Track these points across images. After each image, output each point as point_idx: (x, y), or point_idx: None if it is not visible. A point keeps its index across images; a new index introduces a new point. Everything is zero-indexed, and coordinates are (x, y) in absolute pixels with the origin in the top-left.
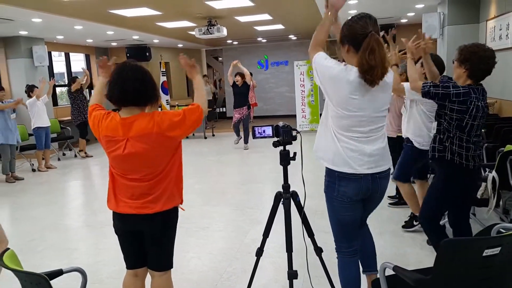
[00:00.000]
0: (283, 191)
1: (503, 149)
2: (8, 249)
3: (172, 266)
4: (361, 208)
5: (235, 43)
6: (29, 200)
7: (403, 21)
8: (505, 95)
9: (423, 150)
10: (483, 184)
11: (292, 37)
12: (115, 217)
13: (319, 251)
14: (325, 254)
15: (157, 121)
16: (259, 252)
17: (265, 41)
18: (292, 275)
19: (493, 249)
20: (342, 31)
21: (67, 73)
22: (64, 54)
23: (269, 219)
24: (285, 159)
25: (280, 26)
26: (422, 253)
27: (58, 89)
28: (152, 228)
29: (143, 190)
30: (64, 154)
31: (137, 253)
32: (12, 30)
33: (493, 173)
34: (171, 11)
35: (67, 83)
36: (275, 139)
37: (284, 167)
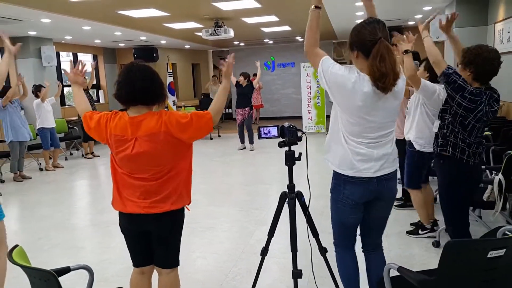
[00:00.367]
0: (288, 191)
1: (510, 152)
2: (17, 246)
3: (178, 263)
4: (363, 210)
5: (242, 44)
6: (37, 199)
7: (411, 23)
8: None
9: (425, 153)
10: (489, 186)
11: (298, 39)
12: (121, 217)
13: (323, 251)
14: (329, 254)
15: (164, 120)
16: (264, 251)
17: (271, 42)
18: (296, 274)
19: (498, 251)
20: (350, 36)
21: None
22: (72, 54)
23: (274, 219)
24: (290, 160)
25: (287, 27)
26: (427, 255)
27: (65, 89)
28: (160, 227)
29: (151, 189)
30: (71, 153)
31: (143, 252)
32: (21, 30)
33: (500, 176)
34: (178, 12)
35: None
36: (281, 139)
37: (289, 168)
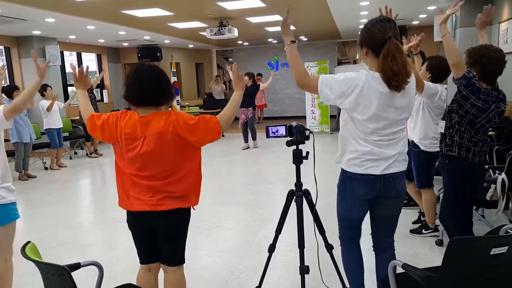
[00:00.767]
0: (295, 189)
1: None
2: (29, 242)
3: (184, 261)
4: (368, 207)
5: (246, 43)
6: (42, 197)
7: (415, 23)
8: None
9: (431, 152)
10: (492, 186)
11: (303, 38)
12: (129, 215)
13: (330, 248)
14: (336, 251)
15: (172, 120)
16: (272, 248)
17: (275, 42)
18: (304, 270)
19: (501, 248)
20: (361, 34)
21: None
22: (76, 53)
23: (282, 216)
24: (298, 158)
25: (291, 27)
26: (431, 254)
27: (69, 89)
28: (166, 225)
29: (158, 188)
30: (75, 153)
31: (150, 249)
32: (25, 29)
33: (503, 175)
34: (182, 11)
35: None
36: (288, 138)
37: (296, 166)
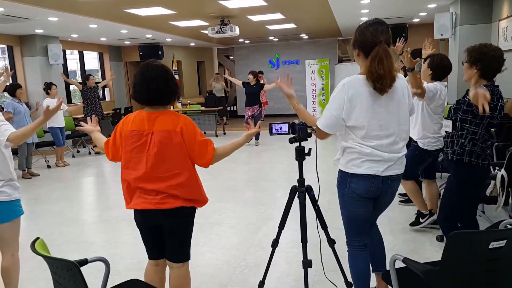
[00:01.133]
0: (298, 185)
1: None
2: (38, 238)
3: (189, 258)
4: (371, 205)
5: (247, 42)
6: (45, 195)
7: (415, 20)
8: None
9: (428, 150)
10: (492, 182)
11: (303, 36)
12: (136, 213)
13: (332, 243)
14: (337, 246)
15: (182, 123)
16: (275, 243)
17: (276, 40)
18: (307, 264)
19: (499, 241)
20: (354, 35)
21: (80, 71)
22: (78, 52)
23: (285, 212)
24: (301, 155)
25: (292, 25)
26: (431, 249)
27: (71, 87)
28: (170, 223)
29: (162, 187)
30: (78, 151)
31: (158, 245)
32: (28, 28)
33: (502, 171)
34: (184, 10)
35: (80, 81)
36: (291, 136)
37: (299, 163)
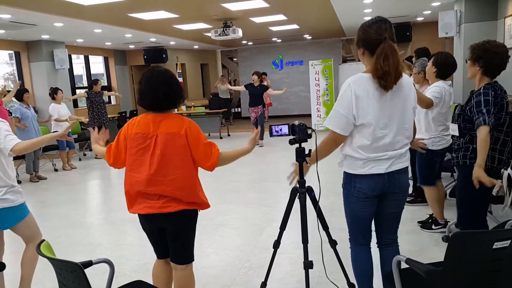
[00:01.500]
0: (299, 186)
1: None
2: (43, 240)
3: (193, 259)
4: (375, 204)
5: (250, 43)
6: (53, 198)
7: (419, 19)
8: None
9: (435, 150)
10: (498, 181)
11: (307, 37)
12: (140, 218)
13: (333, 243)
14: (339, 247)
15: (186, 126)
16: (276, 244)
17: (279, 41)
18: (307, 265)
19: (503, 241)
20: (357, 34)
21: (86, 75)
22: (83, 56)
23: (286, 213)
24: (301, 156)
25: (295, 26)
26: (436, 250)
27: (78, 91)
28: (173, 226)
29: (165, 191)
30: (85, 154)
31: (164, 246)
32: (34, 34)
33: (509, 170)
34: (188, 13)
35: (87, 85)
36: (291, 137)
37: (299, 164)
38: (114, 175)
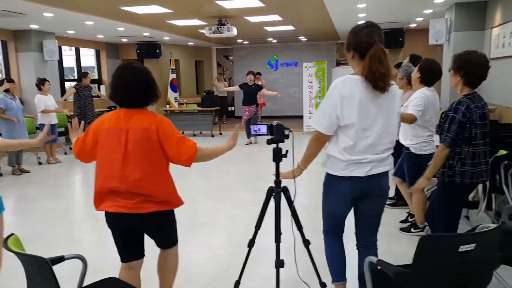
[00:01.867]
0: (274, 186)
1: (496, 154)
2: (12, 234)
3: (177, 241)
4: (354, 204)
5: (246, 42)
6: (35, 192)
7: (412, 25)
8: (506, 102)
9: (422, 155)
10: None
11: (302, 39)
12: (107, 216)
13: (307, 243)
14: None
15: (158, 121)
16: (251, 243)
17: (275, 41)
18: (279, 263)
19: (468, 245)
20: (348, 38)
21: (76, 67)
22: (74, 48)
23: (261, 212)
24: (278, 156)
25: (290, 27)
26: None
27: (67, 84)
28: (148, 228)
29: (136, 189)
30: (70, 148)
31: (131, 248)
32: (23, 24)
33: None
34: (181, 9)
35: (77, 78)
36: (269, 137)
37: (276, 164)
38: None
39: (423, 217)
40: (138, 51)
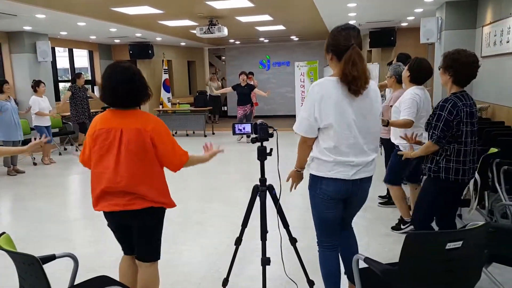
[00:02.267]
0: (260, 184)
1: (487, 153)
2: (3, 233)
3: (159, 257)
4: (341, 206)
5: (238, 42)
6: (30, 192)
7: (404, 24)
8: (498, 100)
9: None
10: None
11: (294, 38)
12: (105, 215)
13: (293, 241)
14: (307, 248)
15: (153, 123)
16: (238, 241)
17: (267, 41)
18: (265, 261)
19: (455, 242)
20: (327, 39)
21: (70, 68)
22: (68, 50)
23: (247, 210)
24: (262, 155)
25: (281, 27)
26: None
27: (61, 85)
28: (138, 223)
29: (129, 190)
30: (65, 149)
31: (130, 242)
32: (16, 25)
33: (476, 175)
34: (172, 10)
35: (70, 79)
36: (253, 136)
37: (261, 162)
38: None
39: (407, 210)
40: (130, 52)
